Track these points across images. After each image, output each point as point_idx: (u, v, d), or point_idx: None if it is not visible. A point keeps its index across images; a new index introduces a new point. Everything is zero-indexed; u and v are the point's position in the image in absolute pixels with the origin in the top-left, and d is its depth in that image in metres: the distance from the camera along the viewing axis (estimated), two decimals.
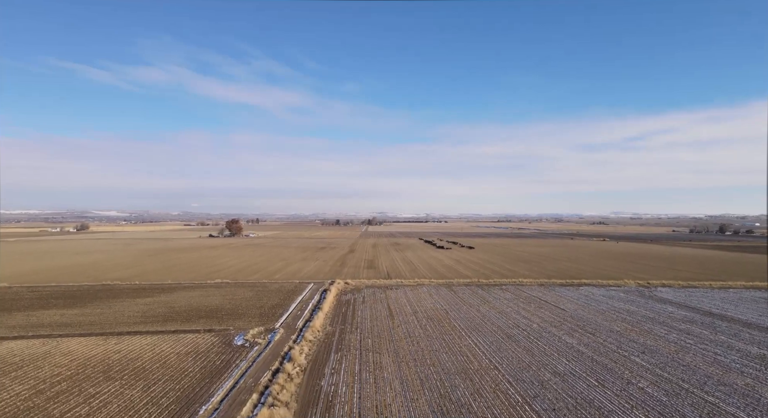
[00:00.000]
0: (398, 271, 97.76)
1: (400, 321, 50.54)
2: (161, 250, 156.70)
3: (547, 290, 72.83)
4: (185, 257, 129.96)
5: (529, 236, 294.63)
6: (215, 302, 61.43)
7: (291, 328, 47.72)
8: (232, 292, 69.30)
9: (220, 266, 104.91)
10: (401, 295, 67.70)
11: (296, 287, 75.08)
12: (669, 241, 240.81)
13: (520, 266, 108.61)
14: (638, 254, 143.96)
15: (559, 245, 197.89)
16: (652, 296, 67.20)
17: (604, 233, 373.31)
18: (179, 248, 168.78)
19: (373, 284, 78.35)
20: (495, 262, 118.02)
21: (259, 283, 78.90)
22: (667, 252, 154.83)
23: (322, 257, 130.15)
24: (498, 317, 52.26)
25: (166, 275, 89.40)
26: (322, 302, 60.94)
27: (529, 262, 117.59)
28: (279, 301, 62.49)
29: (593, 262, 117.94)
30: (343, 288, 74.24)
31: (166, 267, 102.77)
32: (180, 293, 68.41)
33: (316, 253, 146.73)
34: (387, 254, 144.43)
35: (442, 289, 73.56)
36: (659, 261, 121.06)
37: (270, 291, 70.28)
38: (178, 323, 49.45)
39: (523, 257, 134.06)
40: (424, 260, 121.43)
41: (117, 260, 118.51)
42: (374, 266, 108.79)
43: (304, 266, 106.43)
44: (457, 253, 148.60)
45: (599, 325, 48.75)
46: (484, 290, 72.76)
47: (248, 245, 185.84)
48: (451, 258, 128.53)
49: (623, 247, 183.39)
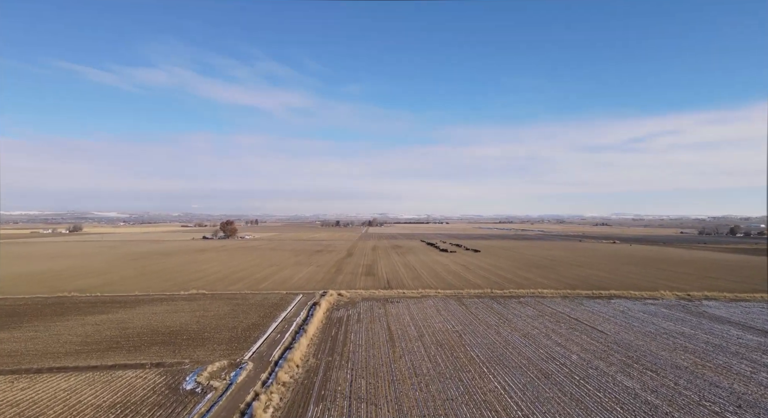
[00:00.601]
0: (400, 279, 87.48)
1: (402, 349, 40.27)
2: (145, 254, 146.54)
3: (573, 303, 62.47)
4: (168, 261, 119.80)
5: (535, 238, 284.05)
6: (181, 320, 51.23)
7: (263, 360, 37.44)
8: (205, 306, 59.07)
9: (203, 273, 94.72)
10: (404, 310, 57.42)
11: (282, 299, 64.82)
12: (684, 243, 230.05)
13: (533, 272, 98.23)
14: (659, 259, 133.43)
15: (569, 248, 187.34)
16: (701, 312, 56.78)
17: (611, 234, 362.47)
18: (166, 251, 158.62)
19: (371, 296, 68.06)
20: (505, 267, 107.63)
21: (239, 294, 68.65)
22: (688, 256, 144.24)
23: (316, 262, 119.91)
24: (525, 344, 41.94)
25: (139, 283, 79.25)
26: (308, 321, 50.68)
27: (542, 267, 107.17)
28: (257, 319, 52.23)
29: (613, 267, 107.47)
30: (335, 301, 63.95)
31: (142, 274, 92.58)
32: (143, 307, 58.20)
33: (311, 257, 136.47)
34: (387, 257, 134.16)
35: (451, 302, 63.25)
36: (686, 267, 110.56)
37: (250, 305, 60.02)
38: (124, 352, 39.21)
39: (534, 261, 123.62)
40: (428, 266, 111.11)
41: (92, 266, 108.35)
42: (373, 272, 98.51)
43: (296, 273, 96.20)
44: (463, 257, 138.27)
45: (657, 357, 38.38)
46: (499, 303, 62.42)
47: (241, 248, 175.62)
48: (456, 263, 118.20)
49: (638, 250, 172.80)
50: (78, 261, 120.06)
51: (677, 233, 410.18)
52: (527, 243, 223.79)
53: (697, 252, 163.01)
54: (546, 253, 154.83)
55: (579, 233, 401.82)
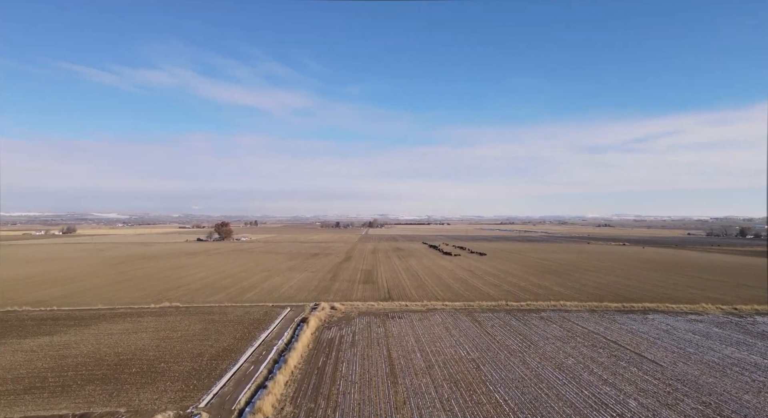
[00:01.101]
0: (401, 287, 78.60)
1: (407, 389, 31.42)
2: (131, 257, 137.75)
3: (604, 319, 53.55)
4: (151, 266, 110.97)
5: (540, 240, 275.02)
6: (138, 343, 42.40)
7: (224, 409, 28.59)
8: (174, 324, 50.24)
9: (185, 280, 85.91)
10: (407, 329, 48.57)
11: (266, 314, 55.96)
12: (697, 246, 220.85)
13: (548, 279, 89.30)
14: (679, 263, 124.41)
15: (579, 250, 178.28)
16: (761, 333, 47.78)
17: (617, 236, 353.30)
18: (153, 254, 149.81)
19: (369, 310, 59.20)
20: (516, 273, 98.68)
21: (218, 308, 59.80)
22: (708, 260, 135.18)
23: (311, 267, 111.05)
24: (562, 381, 33.04)
25: (109, 293, 70.46)
26: (292, 345, 41.84)
27: (556, 273, 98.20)
28: (231, 342, 43.39)
29: (634, 273, 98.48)
30: (327, 317, 55.07)
31: (116, 282, 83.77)
32: (100, 325, 49.39)
33: (306, 261, 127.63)
34: (388, 262, 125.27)
35: (462, 317, 54.36)
36: (713, 273, 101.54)
37: (227, 323, 51.17)
38: (45, 395, 30.39)
39: (546, 266, 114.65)
40: (432, 271, 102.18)
41: (66, 272, 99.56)
42: (372, 279, 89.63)
43: (287, 280, 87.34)
44: (468, 261, 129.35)
45: (741, 403, 29.41)
46: (518, 319, 53.52)
47: (233, 251, 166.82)
48: (462, 268, 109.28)
49: (653, 253, 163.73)
50: (53, 266, 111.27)
51: (684, 235, 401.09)
52: (533, 245, 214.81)
53: (715, 256, 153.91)
54: (556, 256, 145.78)
55: (584, 234, 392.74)
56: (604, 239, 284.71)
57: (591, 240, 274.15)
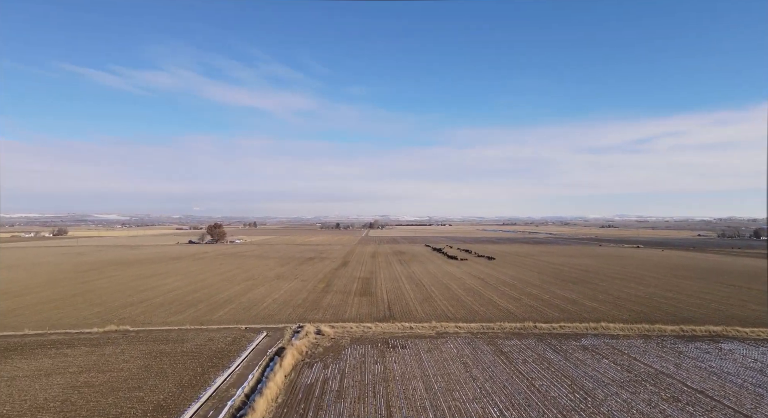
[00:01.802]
0: (404, 301, 66.68)
1: None
2: (106, 263, 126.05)
3: (667, 350, 41.53)
4: (121, 274, 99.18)
5: (548, 242, 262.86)
6: (41, 396, 30.57)
7: None
8: (109, 360, 38.37)
9: (154, 291, 74.12)
10: (413, 367, 36.65)
11: (233, 342, 44.06)
12: (719, 248, 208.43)
13: (573, 289, 77.32)
14: (714, 269, 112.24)
15: (595, 254, 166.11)
16: None
17: (627, 237, 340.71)
18: (133, 259, 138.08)
19: (364, 335, 47.28)
20: (534, 282, 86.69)
21: (176, 332, 47.91)
22: (745, 266, 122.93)
23: (303, 274, 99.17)
24: None
25: (52, 311, 58.70)
26: (255, 398, 29.96)
27: (581, 283, 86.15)
28: (173, 391, 31.52)
29: (671, 283, 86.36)
30: (311, 346, 43.15)
31: (71, 295, 71.99)
32: (7, 363, 37.54)
33: (298, 267, 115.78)
34: (388, 268, 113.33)
35: (483, 347, 42.42)
36: (758, 283, 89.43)
37: (179, 356, 39.29)
38: None
39: (566, 273, 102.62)
40: (438, 280, 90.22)
41: (17, 283, 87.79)
42: (370, 289, 77.74)
43: (272, 291, 75.50)
44: (477, 266, 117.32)
45: None
46: (556, 350, 41.54)
47: (222, 255, 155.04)
48: (472, 275, 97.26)
49: (677, 257, 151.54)
50: (14, 274, 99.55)
51: (694, 236, 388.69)
52: (542, 248, 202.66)
53: (746, 260, 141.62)
54: (572, 261, 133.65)
55: (590, 235, 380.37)
56: (614, 241, 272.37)
57: (601, 242, 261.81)
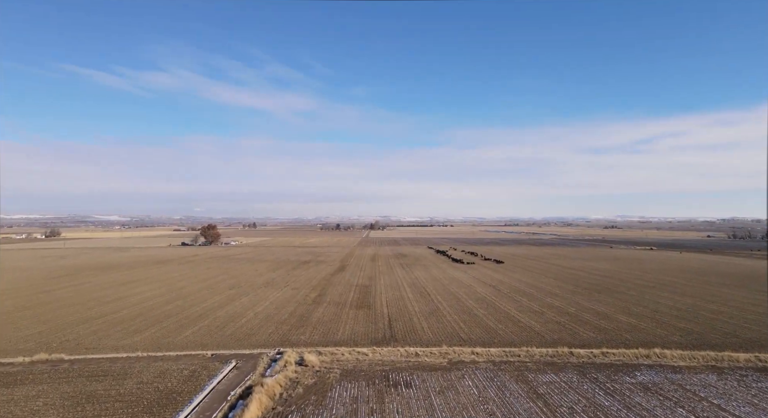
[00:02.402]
0: (408, 315, 56.99)
1: None
2: (84, 267, 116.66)
3: (753, 391, 31.76)
4: (93, 282, 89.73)
5: (555, 244, 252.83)
6: None
7: None
8: (10, 414, 28.79)
9: (119, 304, 64.59)
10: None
11: (189, 378, 34.41)
12: (738, 250, 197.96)
13: (602, 300, 67.53)
14: (742, 275, 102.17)
15: (610, 257, 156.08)
16: None
17: (636, 238, 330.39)
18: (115, 263, 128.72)
19: (358, 365, 37.57)
20: (554, 291, 76.94)
21: (122, 361, 38.25)
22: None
23: (295, 281, 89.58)
24: None
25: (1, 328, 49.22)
26: None
27: (608, 292, 76.32)
28: None
29: (709, 292, 76.39)
30: (288, 383, 33.47)
31: (25, 307, 62.47)
32: None
33: (291, 272, 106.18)
34: (389, 273, 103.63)
35: (512, 387, 32.69)
36: None
37: (110, 404, 29.65)
38: None
39: (585, 279, 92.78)
40: (445, 287, 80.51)
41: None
42: (368, 300, 68.07)
43: (257, 302, 65.91)
44: (485, 271, 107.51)
45: None
46: (609, 392, 31.77)
47: (212, 258, 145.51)
48: (482, 282, 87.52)
49: (697, 260, 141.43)
50: None
51: (704, 237, 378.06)
52: (552, 250, 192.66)
53: None
54: (588, 265, 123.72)
55: (597, 236, 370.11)
56: (623, 242, 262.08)
57: (611, 243, 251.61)
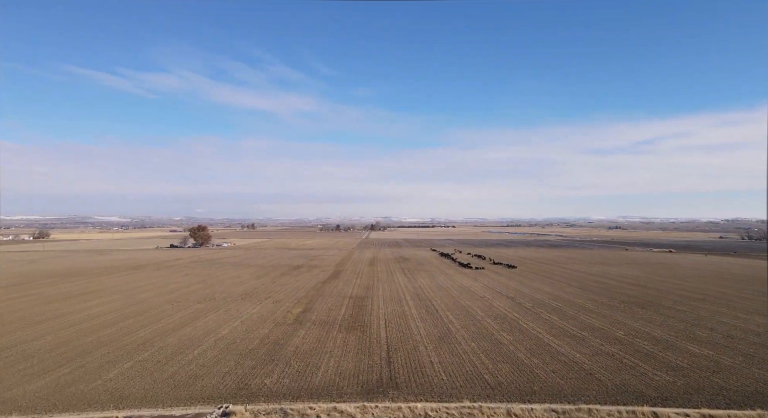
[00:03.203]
0: (412, 343, 44.14)
1: None
2: (47, 274, 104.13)
3: None
4: (47, 292, 77.17)
5: (565, 246, 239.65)
6: None
7: None
8: None
9: (54, 325, 51.94)
10: None
11: None
12: (761, 253, 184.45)
13: (649, 319, 54.66)
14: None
15: (630, 261, 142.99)
16: None
17: (648, 240, 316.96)
18: (82, 270, 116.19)
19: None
20: (584, 304, 64.06)
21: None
22: None
23: (279, 291, 76.88)
24: None
25: None
26: None
27: (651, 306, 63.33)
28: None
29: (761, 303, 63.40)
30: None
31: None
32: None
33: (278, 279, 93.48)
34: (389, 281, 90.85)
35: None
36: None
37: None
38: None
39: (616, 289, 79.85)
40: (454, 300, 67.65)
41: None
42: (362, 319, 55.26)
43: (225, 321, 53.18)
44: (498, 277, 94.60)
45: None
46: None
47: (195, 263, 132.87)
48: (496, 292, 74.64)
49: (729, 264, 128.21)
50: None
51: (716, 238, 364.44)
52: (563, 253, 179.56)
53: None
54: (612, 271, 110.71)
55: (605, 237, 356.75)
56: (637, 244, 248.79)
57: (626, 246, 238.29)
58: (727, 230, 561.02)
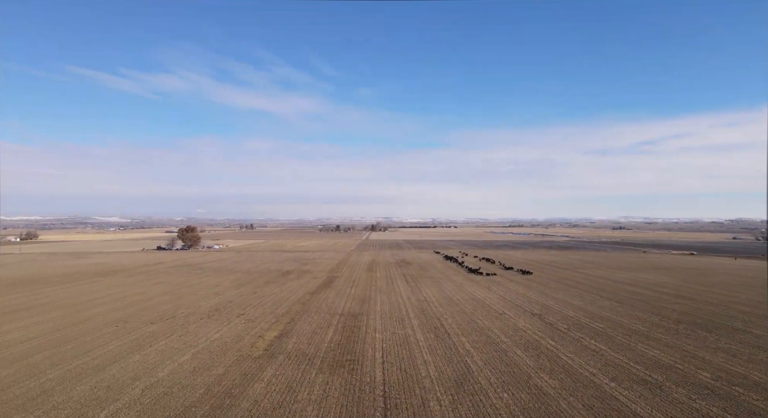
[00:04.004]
0: (419, 393, 31.16)
1: None
2: (1, 283, 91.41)
3: None
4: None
5: (577, 248, 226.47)
6: None
7: None
8: None
9: None
10: None
11: None
12: None
13: (724, 348, 41.68)
14: None
15: (658, 266, 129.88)
16: None
17: (663, 242, 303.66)
18: (43, 277, 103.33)
19: None
20: (630, 325, 51.06)
21: None
22: None
23: (256, 306, 63.96)
24: None
25: None
26: None
27: (718, 330, 50.29)
28: None
29: None
30: None
31: None
32: None
33: (260, 289, 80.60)
34: (389, 291, 77.86)
35: None
36: None
37: None
38: None
39: (657, 302, 66.82)
40: (470, 318, 54.64)
41: None
42: (353, 350, 42.24)
43: (171, 354, 40.23)
44: (514, 287, 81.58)
45: None
46: None
47: (175, 267, 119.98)
48: (517, 306, 61.59)
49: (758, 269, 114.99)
50: None
51: (729, 239, 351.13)
52: (579, 256, 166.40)
53: None
54: (641, 278, 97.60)
55: (615, 238, 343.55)
56: (653, 246, 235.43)
57: (641, 247, 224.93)
58: (733, 231, 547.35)
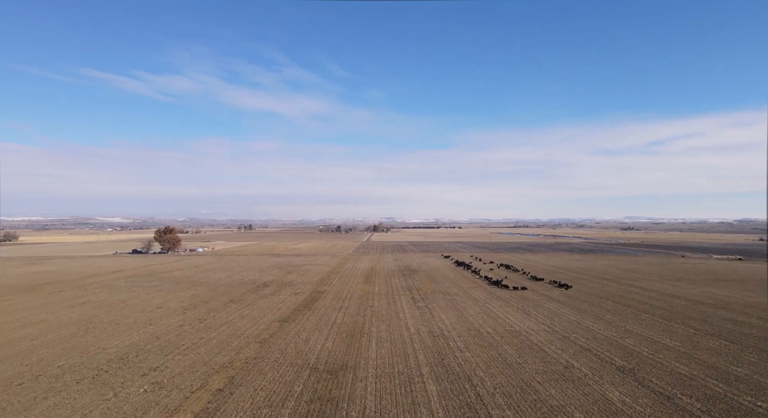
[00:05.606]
0: None
1: None
2: None
3: None
4: None
5: (601, 251, 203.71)
6: None
7: None
8: None
9: None
10: None
11: None
12: None
13: None
14: None
15: (713, 275, 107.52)
16: None
17: (689, 244, 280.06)
18: None
19: None
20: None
21: None
22: None
23: (193, 348, 42.53)
24: None
25: None
26: None
27: None
28: None
29: None
30: None
31: None
32: None
33: (218, 312, 59.07)
34: (389, 317, 56.11)
35: None
36: None
37: None
38: None
39: None
40: (520, 377, 32.92)
41: None
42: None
43: None
44: (562, 311, 59.70)
45: None
46: None
47: (125, 279, 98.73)
48: (588, 351, 39.85)
49: None
50: None
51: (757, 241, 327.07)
52: (611, 262, 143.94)
53: None
54: (721, 296, 75.40)
55: (633, 240, 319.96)
56: (685, 249, 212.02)
57: (673, 250, 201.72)
58: (744, 231, 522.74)
